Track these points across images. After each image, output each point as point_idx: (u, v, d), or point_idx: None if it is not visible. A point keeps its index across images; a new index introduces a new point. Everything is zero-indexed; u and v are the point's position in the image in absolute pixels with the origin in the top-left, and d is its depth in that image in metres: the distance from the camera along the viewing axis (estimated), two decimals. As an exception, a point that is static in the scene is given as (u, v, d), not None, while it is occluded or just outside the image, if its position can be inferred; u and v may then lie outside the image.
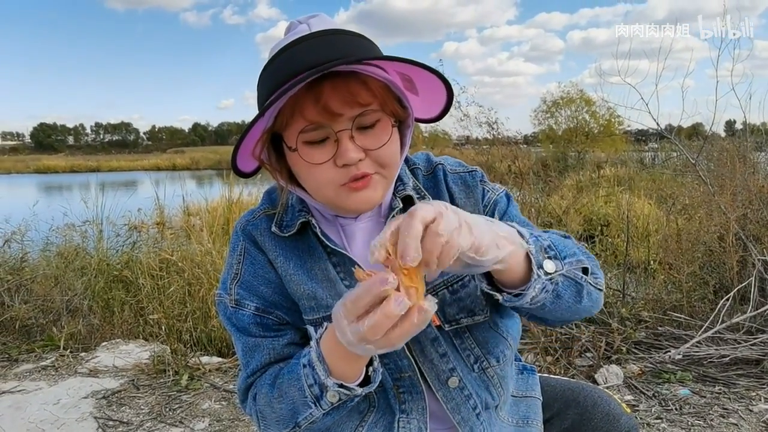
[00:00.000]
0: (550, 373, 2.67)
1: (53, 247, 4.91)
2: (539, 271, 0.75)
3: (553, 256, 0.77)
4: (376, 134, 0.82)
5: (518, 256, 0.74)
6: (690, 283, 3.42)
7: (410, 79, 0.86)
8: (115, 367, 3.09)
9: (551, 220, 5.07)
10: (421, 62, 0.78)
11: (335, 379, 0.76)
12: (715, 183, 3.65)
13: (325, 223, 0.93)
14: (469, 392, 0.91)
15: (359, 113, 0.79)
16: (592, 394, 1.04)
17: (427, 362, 0.89)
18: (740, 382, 2.58)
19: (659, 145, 10.28)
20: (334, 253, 0.90)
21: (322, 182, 0.82)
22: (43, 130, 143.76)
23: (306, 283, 0.89)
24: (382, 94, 0.81)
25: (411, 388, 0.90)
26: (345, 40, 0.79)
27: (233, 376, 2.94)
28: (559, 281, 0.77)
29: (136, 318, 3.96)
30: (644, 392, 2.53)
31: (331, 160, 0.80)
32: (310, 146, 0.81)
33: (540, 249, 0.76)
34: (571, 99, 24.10)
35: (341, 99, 0.78)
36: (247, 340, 0.91)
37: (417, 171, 0.98)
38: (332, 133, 0.79)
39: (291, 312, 0.91)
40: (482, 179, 0.98)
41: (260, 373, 0.89)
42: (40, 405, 2.63)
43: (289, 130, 0.81)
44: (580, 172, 13.46)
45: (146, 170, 22.67)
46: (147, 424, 2.46)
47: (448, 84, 0.84)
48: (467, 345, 0.91)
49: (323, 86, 0.77)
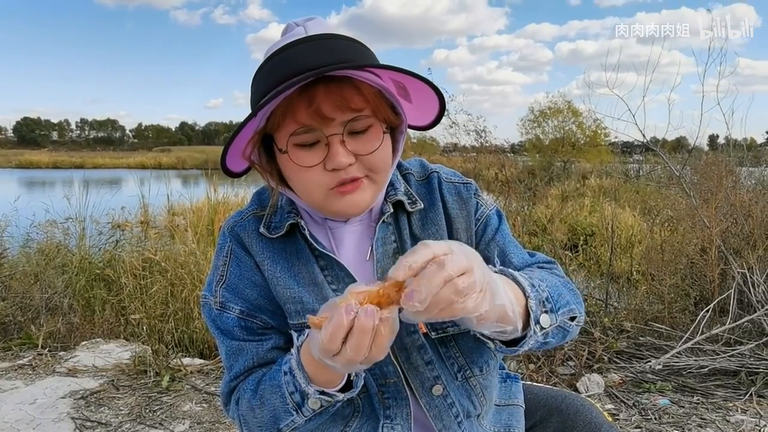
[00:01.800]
0: (533, 380, 2.68)
1: (34, 243, 4.84)
2: (536, 327, 0.75)
3: (550, 309, 0.78)
4: (368, 139, 0.82)
5: (516, 319, 0.74)
6: (672, 294, 3.47)
7: (404, 86, 0.86)
8: (95, 366, 3.04)
9: (536, 228, 5.12)
10: (414, 72, 0.78)
11: (316, 386, 0.76)
12: (698, 196, 3.71)
13: (314, 225, 0.93)
14: (452, 400, 0.91)
15: (351, 118, 0.79)
16: (574, 403, 1.05)
17: (412, 369, 0.89)
18: (718, 392, 2.61)
19: (643, 157, 10.43)
20: (321, 257, 0.90)
21: (311, 185, 0.82)
22: (26, 124, 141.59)
23: (292, 287, 0.89)
24: (374, 100, 0.81)
25: (396, 394, 0.89)
26: (342, 44, 0.80)
27: (215, 378, 2.91)
28: (550, 332, 0.78)
29: (118, 317, 3.91)
30: (624, 401, 2.56)
31: (321, 163, 0.80)
32: (300, 149, 0.80)
33: (539, 302, 0.77)
34: (559, 109, 24.34)
35: (334, 103, 0.77)
36: (230, 344, 0.90)
37: (409, 176, 0.98)
38: (323, 137, 0.79)
39: (276, 316, 0.91)
40: (476, 192, 0.98)
41: (243, 377, 0.89)
42: (15, 404, 2.58)
43: (281, 132, 0.81)
44: (565, 181, 13.61)
45: (131, 168, 22.44)
46: (126, 425, 2.43)
47: (440, 93, 0.84)
48: (452, 353, 0.91)
49: (317, 90, 0.77)
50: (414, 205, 0.93)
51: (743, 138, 4.57)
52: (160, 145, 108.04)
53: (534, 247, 4.81)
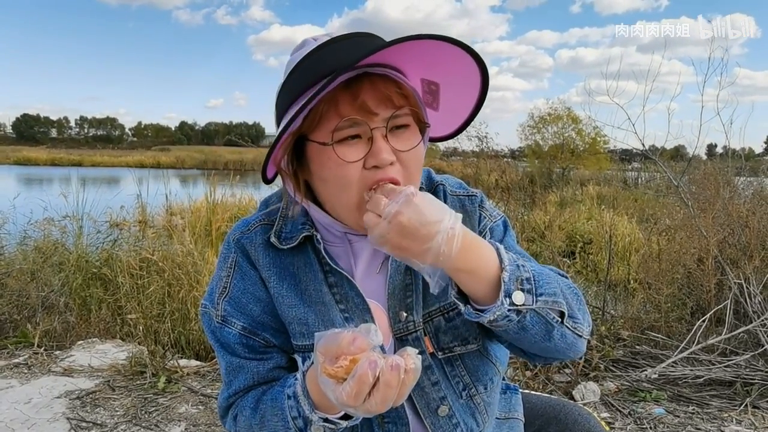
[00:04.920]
0: (529, 387, 2.68)
1: (31, 241, 4.81)
2: (505, 300, 0.73)
3: (528, 290, 0.75)
4: (407, 137, 0.82)
5: (489, 272, 0.74)
6: (668, 303, 3.48)
7: (434, 90, 0.86)
8: (91, 366, 3.03)
9: (534, 235, 5.13)
10: (458, 40, 0.76)
11: (320, 414, 0.76)
12: (696, 206, 3.73)
13: (333, 238, 0.90)
14: (457, 420, 0.90)
15: (393, 114, 0.79)
16: (572, 412, 1.05)
17: (418, 390, 0.88)
18: (713, 402, 2.62)
19: (642, 165, 10.47)
20: (332, 273, 0.88)
21: (349, 184, 0.79)
22: (25, 121, 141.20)
23: (298, 307, 0.87)
24: (413, 100, 0.82)
25: (397, 419, 0.88)
26: (371, 40, 0.80)
27: (211, 380, 2.91)
28: (527, 315, 0.76)
29: (114, 317, 3.89)
30: (620, 410, 2.56)
31: (361, 159, 0.79)
32: (341, 144, 0.79)
33: (516, 279, 0.75)
34: (559, 116, 24.37)
35: (378, 98, 0.78)
36: (231, 360, 0.89)
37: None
38: (367, 130, 0.78)
39: (279, 334, 0.89)
40: (481, 204, 0.97)
41: (242, 393, 0.88)
42: (10, 404, 2.57)
43: (321, 129, 0.79)
44: (564, 188, 13.63)
45: (130, 167, 22.39)
46: (121, 426, 2.42)
47: (485, 70, 0.82)
48: (457, 372, 0.90)
49: (361, 84, 0.77)
50: None
51: (741, 147, 4.59)
52: (160, 144, 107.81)
53: (532, 253, 4.82)
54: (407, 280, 0.89)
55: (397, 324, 0.88)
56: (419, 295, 0.89)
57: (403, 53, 0.78)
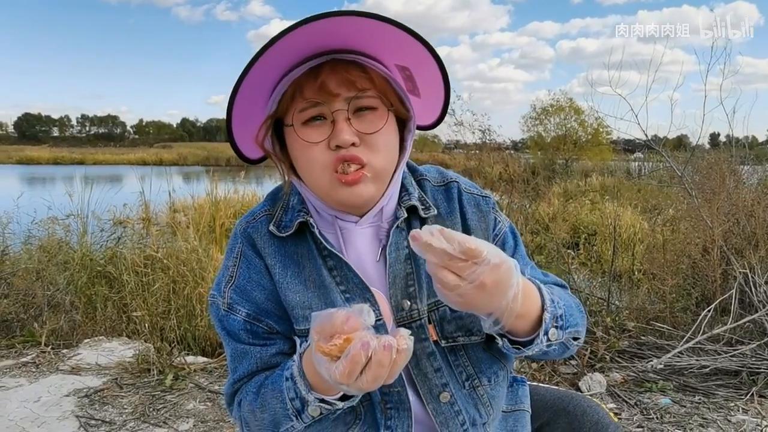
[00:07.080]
0: (535, 379, 2.69)
1: (35, 240, 4.82)
2: (543, 337, 0.79)
3: (560, 326, 0.81)
4: (372, 120, 0.83)
5: (534, 313, 0.79)
6: (673, 294, 3.48)
7: (410, 74, 0.87)
8: (98, 365, 3.05)
9: (539, 227, 5.12)
10: (416, 32, 0.78)
11: (316, 394, 0.77)
12: (700, 196, 3.71)
13: (324, 224, 0.92)
14: (459, 408, 0.91)
15: (355, 95, 0.82)
16: (581, 404, 1.05)
17: (421, 375, 0.89)
18: (719, 392, 2.62)
19: (645, 155, 10.42)
20: (330, 256, 0.89)
21: (316, 166, 0.83)
22: (27, 120, 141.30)
23: (302, 292, 0.89)
24: (381, 84, 0.84)
25: (398, 404, 0.89)
26: None
27: (218, 377, 2.92)
28: (554, 345, 0.82)
29: (120, 315, 3.91)
30: (626, 401, 2.56)
31: (325, 140, 0.82)
32: (306, 126, 0.83)
33: (553, 317, 0.80)
34: (561, 107, 24.32)
35: (339, 80, 0.81)
36: (236, 346, 0.91)
37: (424, 182, 0.98)
38: (328, 112, 0.81)
39: (282, 321, 0.91)
40: (494, 207, 0.99)
41: (246, 379, 0.90)
42: (20, 402, 2.59)
43: (289, 112, 0.84)
44: (567, 179, 13.60)
45: (132, 164, 22.42)
46: (130, 423, 2.44)
47: (443, 67, 0.85)
48: (461, 362, 0.91)
49: (323, 67, 0.81)
50: (428, 211, 0.93)
51: (744, 136, 4.57)
52: (161, 141, 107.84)
53: (536, 245, 4.82)
54: (408, 269, 0.90)
55: (400, 312, 0.89)
56: (422, 283, 0.90)
57: (374, 39, 0.81)
